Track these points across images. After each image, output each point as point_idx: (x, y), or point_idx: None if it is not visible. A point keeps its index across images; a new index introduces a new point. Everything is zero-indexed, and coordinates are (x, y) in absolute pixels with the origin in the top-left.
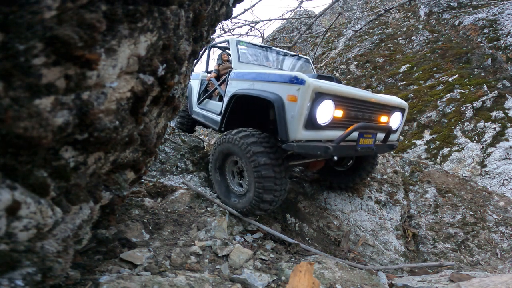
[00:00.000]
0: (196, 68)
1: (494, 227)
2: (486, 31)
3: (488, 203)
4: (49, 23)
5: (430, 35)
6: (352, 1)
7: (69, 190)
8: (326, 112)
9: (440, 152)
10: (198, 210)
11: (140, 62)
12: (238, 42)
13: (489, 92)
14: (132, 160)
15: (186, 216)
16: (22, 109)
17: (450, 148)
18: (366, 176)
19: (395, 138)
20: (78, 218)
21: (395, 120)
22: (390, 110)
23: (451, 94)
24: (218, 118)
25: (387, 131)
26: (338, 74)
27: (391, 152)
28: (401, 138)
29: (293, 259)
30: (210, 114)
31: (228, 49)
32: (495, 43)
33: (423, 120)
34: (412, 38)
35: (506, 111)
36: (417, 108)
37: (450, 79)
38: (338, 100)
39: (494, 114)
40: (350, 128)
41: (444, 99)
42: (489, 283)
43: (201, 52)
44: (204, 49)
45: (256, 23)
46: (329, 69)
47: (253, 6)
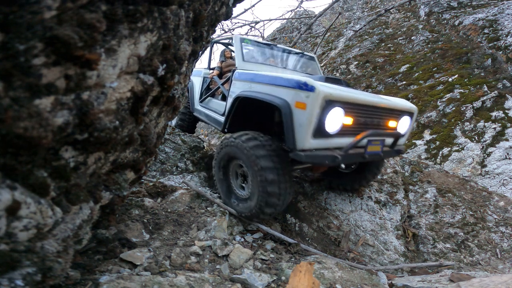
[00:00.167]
0: (197, 65)
1: (494, 227)
2: (486, 31)
3: (488, 203)
4: (49, 23)
5: (430, 35)
6: (352, 1)
7: (69, 190)
8: (336, 120)
9: (440, 152)
10: (198, 210)
11: (140, 62)
12: (242, 40)
13: (489, 92)
14: (132, 160)
15: (186, 216)
16: (22, 109)
17: (450, 148)
18: (372, 178)
19: (403, 142)
20: (78, 218)
21: (404, 125)
22: (399, 115)
23: (451, 94)
24: (221, 119)
25: (396, 137)
26: (338, 74)
27: None
28: None
29: (293, 259)
30: (213, 113)
31: (231, 45)
32: (495, 43)
33: (423, 120)
34: (412, 38)
35: (506, 111)
36: (417, 108)
37: (450, 79)
38: (348, 107)
39: (494, 114)
40: (359, 137)
41: (444, 99)
42: (489, 283)
43: (203, 49)
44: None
45: (256, 23)
46: (329, 69)
47: (253, 6)
